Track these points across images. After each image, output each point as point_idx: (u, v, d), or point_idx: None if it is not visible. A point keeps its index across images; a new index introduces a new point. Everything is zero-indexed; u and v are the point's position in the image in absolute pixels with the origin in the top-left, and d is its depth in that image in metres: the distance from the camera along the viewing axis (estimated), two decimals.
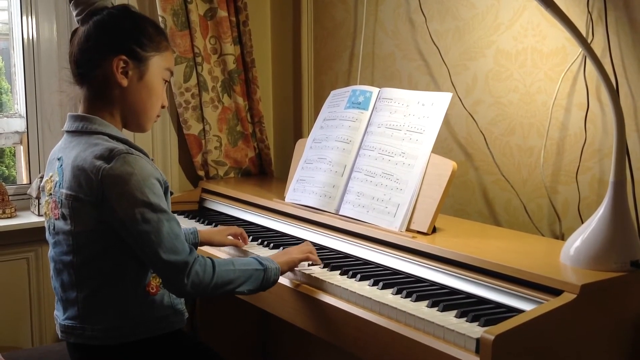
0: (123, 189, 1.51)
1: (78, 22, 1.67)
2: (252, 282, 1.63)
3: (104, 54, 1.62)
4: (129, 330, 1.61)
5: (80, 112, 1.67)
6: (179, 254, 1.53)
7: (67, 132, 1.67)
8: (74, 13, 1.67)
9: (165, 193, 1.60)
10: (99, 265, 1.59)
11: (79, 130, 1.63)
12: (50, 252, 1.68)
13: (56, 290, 1.68)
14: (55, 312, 1.71)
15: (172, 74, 1.74)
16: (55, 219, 1.63)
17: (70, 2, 1.66)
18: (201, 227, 2.17)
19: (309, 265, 1.82)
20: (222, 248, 2.07)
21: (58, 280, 1.65)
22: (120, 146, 1.57)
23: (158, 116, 1.72)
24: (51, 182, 1.66)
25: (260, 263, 1.66)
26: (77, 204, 1.57)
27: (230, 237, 2.04)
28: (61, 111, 2.61)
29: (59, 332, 1.68)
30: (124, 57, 1.62)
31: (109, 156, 1.53)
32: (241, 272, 1.62)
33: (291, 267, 1.77)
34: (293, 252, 1.80)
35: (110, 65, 1.62)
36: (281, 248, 1.99)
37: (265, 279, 1.65)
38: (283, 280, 1.78)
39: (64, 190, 1.59)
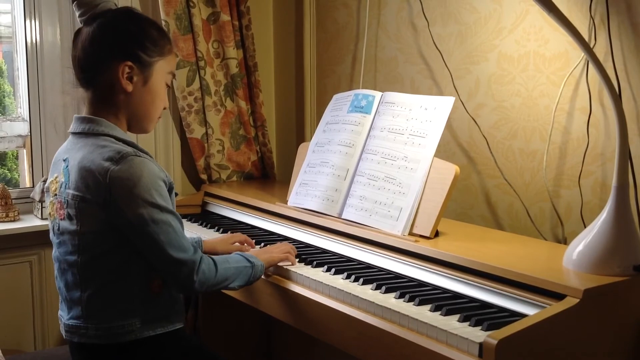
0: (132, 190, 1.53)
1: (81, 23, 1.67)
2: (242, 278, 1.71)
3: (109, 59, 1.63)
4: (132, 328, 1.62)
5: (85, 114, 1.67)
6: (187, 252, 1.58)
7: (73, 133, 1.68)
8: (77, 14, 1.67)
9: (170, 192, 1.62)
10: (103, 264, 1.60)
11: (85, 132, 1.64)
12: (55, 252, 1.68)
13: (60, 290, 1.69)
14: (60, 312, 1.72)
15: (174, 76, 1.75)
16: (61, 220, 1.63)
17: (73, 3, 1.67)
18: (205, 237, 2.16)
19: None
20: None
21: (62, 280, 1.66)
22: (128, 148, 1.58)
23: (159, 117, 1.74)
24: (56, 182, 1.67)
25: (247, 260, 1.73)
26: (83, 204, 1.58)
27: (236, 244, 2.04)
28: (64, 114, 2.62)
29: (63, 332, 1.69)
30: (129, 63, 1.63)
31: (117, 158, 1.55)
32: (235, 269, 1.69)
33: (271, 265, 1.84)
34: (273, 251, 1.87)
35: (116, 70, 1.62)
36: None
37: (253, 275, 1.73)
38: (287, 283, 1.79)
39: (70, 191, 1.60)
